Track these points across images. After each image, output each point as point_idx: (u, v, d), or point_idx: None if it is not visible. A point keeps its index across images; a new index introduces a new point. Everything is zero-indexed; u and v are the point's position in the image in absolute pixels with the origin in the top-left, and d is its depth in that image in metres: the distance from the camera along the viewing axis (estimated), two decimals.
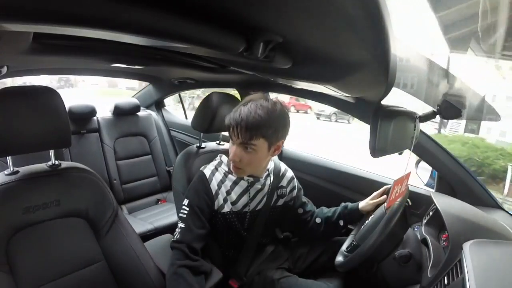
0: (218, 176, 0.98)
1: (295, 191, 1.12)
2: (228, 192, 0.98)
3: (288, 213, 1.12)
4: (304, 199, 1.16)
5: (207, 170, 0.99)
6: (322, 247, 1.13)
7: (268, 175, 1.04)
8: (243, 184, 0.99)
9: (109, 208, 0.87)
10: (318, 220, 1.11)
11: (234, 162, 0.92)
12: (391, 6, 0.42)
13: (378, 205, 1.03)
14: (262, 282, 1.00)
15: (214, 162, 1.02)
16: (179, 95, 2.46)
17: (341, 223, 1.08)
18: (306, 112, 9.84)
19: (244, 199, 0.99)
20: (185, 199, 0.95)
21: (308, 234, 1.13)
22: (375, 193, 1.07)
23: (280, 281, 0.97)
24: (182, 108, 2.47)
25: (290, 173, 1.12)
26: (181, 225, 0.93)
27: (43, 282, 0.75)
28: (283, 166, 1.11)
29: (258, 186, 1.01)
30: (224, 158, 1.01)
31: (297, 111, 9.54)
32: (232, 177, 0.98)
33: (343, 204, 1.11)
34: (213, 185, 0.96)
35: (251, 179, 0.99)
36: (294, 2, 0.43)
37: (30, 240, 0.75)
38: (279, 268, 1.05)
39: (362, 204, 1.07)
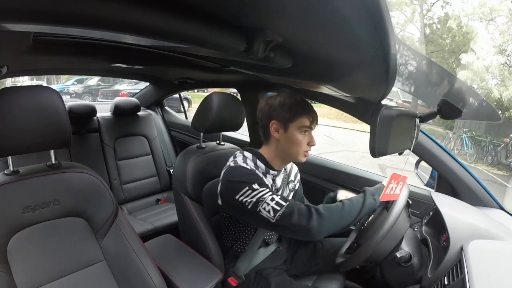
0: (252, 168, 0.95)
1: (298, 184, 1.14)
2: None
3: None
4: (302, 194, 1.18)
5: (241, 163, 0.94)
6: (322, 248, 1.14)
7: (285, 170, 1.07)
8: (268, 179, 0.98)
9: (109, 208, 0.87)
10: None
11: (311, 147, 0.97)
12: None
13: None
14: (258, 281, 1.00)
15: (239, 158, 0.96)
16: (179, 94, 2.46)
17: None
18: None
19: None
20: (252, 184, 0.87)
21: None
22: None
23: (275, 282, 0.98)
24: None
25: (295, 167, 1.16)
26: (274, 197, 0.85)
27: (43, 282, 0.75)
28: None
29: (278, 181, 1.02)
30: (247, 154, 0.98)
31: None
32: (259, 173, 0.95)
33: (331, 194, 1.11)
34: (258, 172, 0.95)
35: (275, 173, 1.00)
36: (294, 2, 0.43)
37: (30, 240, 0.75)
38: (277, 269, 1.06)
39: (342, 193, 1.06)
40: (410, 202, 0.93)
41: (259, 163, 0.97)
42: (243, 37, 0.60)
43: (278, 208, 0.84)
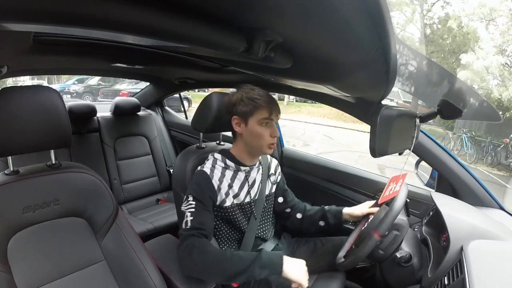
0: (217, 172, 1.00)
1: (279, 177, 1.18)
2: (230, 186, 1.00)
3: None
4: (286, 187, 1.20)
5: (206, 168, 1.00)
6: (322, 247, 1.14)
7: (260, 163, 1.10)
8: (241, 176, 1.03)
9: (109, 208, 0.87)
10: (299, 215, 1.16)
11: (275, 139, 0.98)
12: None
13: (364, 215, 1.04)
14: (259, 283, 1.00)
15: (209, 162, 1.03)
16: (179, 94, 2.46)
17: (321, 223, 1.12)
18: None
19: (245, 189, 1.03)
20: (189, 195, 0.94)
21: (289, 226, 1.19)
22: (364, 204, 1.08)
23: (276, 285, 0.98)
24: None
25: (275, 160, 1.20)
26: (188, 214, 0.91)
27: (43, 282, 0.75)
28: (268, 156, 1.17)
29: (254, 175, 1.06)
30: (217, 155, 1.03)
31: None
32: (230, 172, 1.01)
33: (326, 207, 1.14)
34: (215, 181, 0.98)
35: (247, 168, 1.04)
36: (294, 3, 0.43)
37: (30, 240, 0.75)
38: None
39: (347, 209, 1.09)
40: (408, 200, 0.93)
41: (228, 162, 1.01)
42: (243, 37, 0.60)
43: (183, 227, 0.91)
